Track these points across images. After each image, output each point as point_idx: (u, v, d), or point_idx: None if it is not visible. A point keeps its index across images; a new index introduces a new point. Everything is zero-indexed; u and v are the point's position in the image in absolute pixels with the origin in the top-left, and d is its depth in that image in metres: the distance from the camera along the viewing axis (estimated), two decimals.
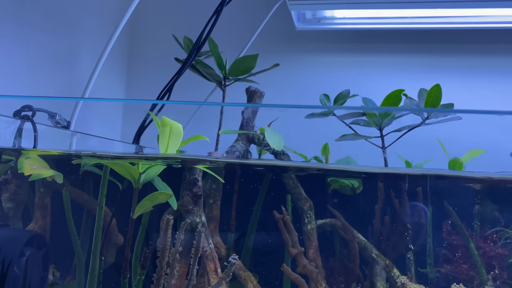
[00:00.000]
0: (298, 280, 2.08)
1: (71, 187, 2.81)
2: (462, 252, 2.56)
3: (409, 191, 2.60)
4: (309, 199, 2.69)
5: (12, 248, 1.30)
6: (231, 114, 3.05)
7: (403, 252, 2.57)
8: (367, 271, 2.56)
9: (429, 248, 2.70)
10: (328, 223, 2.75)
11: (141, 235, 2.29)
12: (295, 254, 2.15)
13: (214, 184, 2.78)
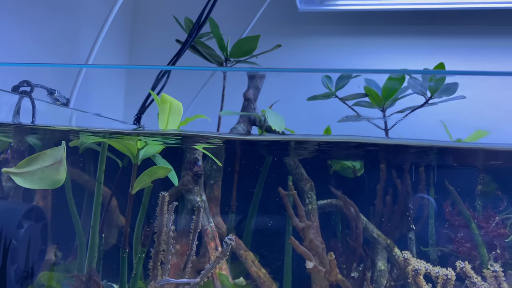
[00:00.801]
0: (305, 253, 2.07)
1: (72, 168, 2.81)
2: (464, 232, 2.55)
3: (410, 170, 2.59)
4: (310, 179, 2.68)
5: (10, 220, 1.29)
6: (233, 96, 3.03)
7: (405, 232, 2.57)
8: (368, 251, 2.56)
9: (431, 229, 2.69)
10: (329, 204, 2.75)
11: (142, 215, 2.29)
12: (302, 228, 2.14)
13: (214, 165, 2.78)
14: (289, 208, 2.19)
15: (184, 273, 1.68)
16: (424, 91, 2.56)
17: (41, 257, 1.46)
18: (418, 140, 1.72)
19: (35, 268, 1.44)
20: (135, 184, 1.61)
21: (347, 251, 2.70)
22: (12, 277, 1.34)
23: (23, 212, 1.31)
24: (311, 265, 2.03)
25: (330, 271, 2.04)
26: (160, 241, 1.64)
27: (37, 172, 1.07)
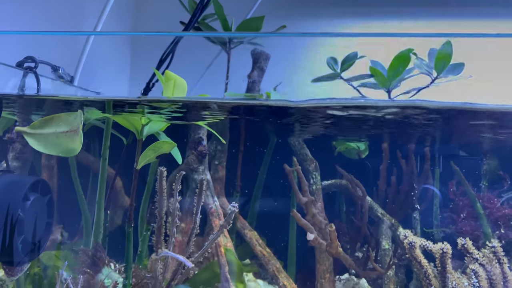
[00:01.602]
0: (306, 226, 2.08)
1: None
2: (468, 211, 2.54)
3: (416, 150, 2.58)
4: (314, 160, 2.67)
5: (16, 192, 1.30)
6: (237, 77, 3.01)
7: (409, 212, 2.57)
8: (372, 230, 2.56)
9: (435, 210, 2.69)
10: (334, 184, 2.75)
11: (147, 194, 2.30)
12: (305, 203, 2.14)
13: (219, 146, 2.78)
14: (294, 184, 2.19)
15: (188, 247, 1.69)
16: (430, 71, 2.54)
17: (48, 230, 1.47)
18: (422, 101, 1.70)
19: (41, 240, 1.45)
20: (140, 159, 1.61)
21: (351, 231, 2.70)
22: (19, 248, 1.36)
23: (29, 184, 1.31)
24: (312, 237, 2.04)
25: (330, 243, 2.05)
26: (161, 216, 1.65)
27: (51, 136, 1.07)
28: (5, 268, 1.41)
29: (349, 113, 1.82)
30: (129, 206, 1.60)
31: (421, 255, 1.79)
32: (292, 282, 2.40)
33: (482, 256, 1.74)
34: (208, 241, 1.64)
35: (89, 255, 1.70)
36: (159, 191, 1.61)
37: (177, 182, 1.54)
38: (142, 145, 1.66)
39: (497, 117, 1.77)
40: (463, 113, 1.68)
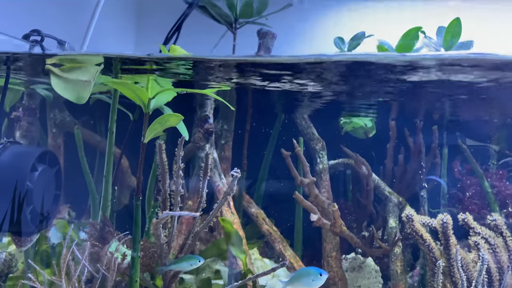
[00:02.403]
0: (309, 207, 2.07)
1: (84, 129, 2.82)
2: (476, 190, 2.53)
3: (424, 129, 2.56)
4: (321, 139, 2.66)
5: (24, 162, 1.30)
6: None
7: (417, 190, 2.55)
8: (379, 208, 2.55)
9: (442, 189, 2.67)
10: (340, 163, 2.73)
11: (154, 171, 2.31)
12: (307, 184, 2.14)
13: (225, 125, 2.76)
14: (292, 167, 2.17)
15: (196, 221, 1.69)
16: (438, 49, 2.50)
17: (56, 202, 1.48)
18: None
19: (50, 212, 1.46)
20: (147, 133, 1.61)
21: (357, 210, 2.70)
22: (28, 219, 1.36)
23: (36, 155, 1.31)
24: (315, 218, 2.04)
25: (334, 223, 2.05)
26: (165, 189, 1.65)
27: (71, 81, 1.08)
28: (14, 239, 1.42)
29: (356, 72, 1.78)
30: (137, 179, 1.60)
31: (423, 228, 1.78)
32: (299, 260, 2.41)
33: (484, 230, 1.73)
34: (213, 210, 1.64)
35: (97, 228, 1.71)
36: (160, 164, 1.61)
37: (179, 147, 1.54)
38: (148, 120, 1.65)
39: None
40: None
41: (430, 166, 2.58)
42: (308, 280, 1.62)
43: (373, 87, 2.11)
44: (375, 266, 2.66)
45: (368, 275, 2.62)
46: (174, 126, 1.64)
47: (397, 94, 2.25)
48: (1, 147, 1.33)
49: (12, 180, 1.29)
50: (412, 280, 2.53)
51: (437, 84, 1.92)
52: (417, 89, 2.12)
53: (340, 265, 2.55)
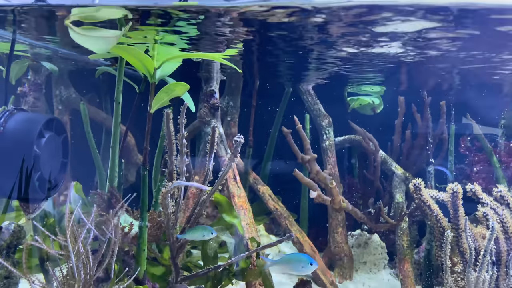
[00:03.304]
0: (309, 184, 2.06)
1: (90, 106, 2.82)
2: (484, 166, 2.51)
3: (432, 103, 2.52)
4: (327, 115, 2.64)
5: (31, 129, 1.30)
6: None
7: (424, 166, 2.54)
8: (386, 184, 2.54)
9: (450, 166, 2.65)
10: (347, 139, 2.72)
11: (161, 145, 2.30)
12: (308, 161, 2.12)
13: (231, 101, 2.75)
14: (293, 145, 2.15)
15: (202, 194, 1.69)
16: None
17: (63, 170, 1.48)
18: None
19: (58, 179, 1.46)
20: (153, 103, 1.60)
21: (364, 187, 2.69)
22: (35, 185, 1.36)
23: (43, 121, 1.31)
24: (315, 194, 2.02)
25: (333, 199, 2.04)
26: (172, 160, 1.64)
27: (94, 37, 1.07)
28: (23, 206, 1.42)
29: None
30: (144, 149, 1.60)
31: (430, 198, 1.77)
32: (305, 235, 2.41)
33: (492, 200, 1.71)
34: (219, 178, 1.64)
35: (105, 198, 1.71)
36: (167, 135, 1.59)
37: (182, 114, 1.53)
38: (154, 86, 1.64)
39: None
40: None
41: (437, 141, 2.56)
42: (297, 266, 1.61)
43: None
44: (381, 242, 2.66)
45: (374, 251, 2.63)
46: (180, 96, 1.62)
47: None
48: (8, 113, 1.33)
49: (19, 146, 1.29)
50: (418, 256, 2.53)
51: None
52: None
53: (346, 240, 2.56)
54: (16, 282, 1.79)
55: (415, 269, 2.48)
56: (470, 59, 2.07)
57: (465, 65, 2.19)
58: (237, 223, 1.94)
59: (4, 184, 1.31)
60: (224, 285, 2.08)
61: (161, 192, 1.51)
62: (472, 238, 1.67)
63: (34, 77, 2.38)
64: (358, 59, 2.12)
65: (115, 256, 1.38)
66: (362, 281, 2.51)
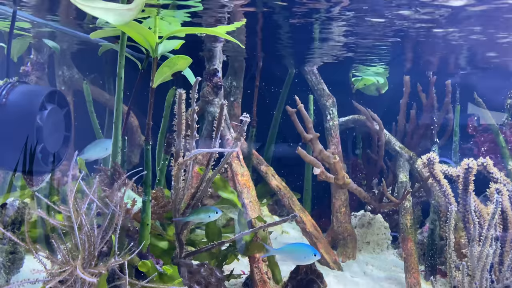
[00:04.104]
0: (312, 162, 2.05)
1: (92, 87, 2.81)
2: (490, 147, 2.49)
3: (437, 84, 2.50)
4: (331, 95, 2.62)
5: (33, 101, 1.29)
6: None
7: (428, 146, 2.52)
8: (390, 164, 2.53)
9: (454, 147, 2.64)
10: (351, 119, 2.70)
11: (164, 123, 2.29)
12: (310, 140, 2.11)
13: (234, 81, 2.73)
14: (297, 123, 2.14)
15: (208, 169, 1.69)
16: None
17: (66, 144, 1.48)
18: None
19: (60, 152, 1.46)
20: (156, 77, 1.59)
21: (368, 167, 2.68)
22: (39, 157, 1.36)
23: (45, 93, 1.30)
24: (318, 171, 2.02)
25: (337, 175, 2.03)
26: (180, 139, 1.63)
27: (112, 9, 1.05)
28: (26, 178, 1.43)
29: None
30: (146, 124, 1.59)
31: (441, 174, 1.75)
32: (308, 214, 2.41)
33: (502, 175, 1.70)
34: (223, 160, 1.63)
35: (108, 174, 1.71)
36: (178, 114, 1.59)
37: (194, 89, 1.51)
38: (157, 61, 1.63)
39: None
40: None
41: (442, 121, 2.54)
42: (300, 256, 1.60)
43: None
44: (384, 222, 2.66)
45: (377, 231, 2.63)
46: (182, 70, 1.61)
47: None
48: (10, 86, 1.32)
49: (21, 118, 1.29)
50: (422, 236, 2.53)
51: None
52: None
53: (349, 220, 2.56)
54: (21, 258, 1.81)
55: (419, 249, 2.48)
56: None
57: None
58: (234, 199, 1.94)
59: (7, 156, 1.31)
60: (229, 262, 2.10)
61: (177, 164, 1.51)
62: (478, 213, 1.66)
63: (36, 57, 2.37)
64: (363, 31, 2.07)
65: (118, 230, 1.38)
66: (365, 260, 2.51)
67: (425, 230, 2.51)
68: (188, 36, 1.88)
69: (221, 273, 1.86)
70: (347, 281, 2.20)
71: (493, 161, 2.25)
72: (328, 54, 2.61)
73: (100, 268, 1.32)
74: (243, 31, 2.16)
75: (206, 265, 1.83)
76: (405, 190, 2.31)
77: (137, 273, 1.60)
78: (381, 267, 2.44)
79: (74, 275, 1.29)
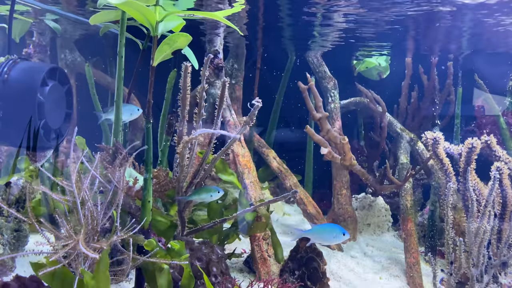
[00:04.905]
0: (320, 141, 2.06)
1: (95, 70, 2.82)
2: (491, 129, 2.49)
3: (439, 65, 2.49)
4: (333, 77, 2.62)
5: (34, 77, 1.31)
6: None
7: (429, 127, 2.52)
8: (391, 146, 2.54)
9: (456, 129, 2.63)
10: (352, 102, 2.70)
11: (166, 105, 2.31)
12: (319, 118, 2.11)
13: (236, 64, 2.74)
14: (308, 100, 2.14)
15: (209, 147, 1.70)
16: None
17: (67, 121, 1.49)
18: None
19: (62, 129, 1.47)
20: (156, 55, 1.59)
21: (369, 149, 2.69)
22: (41, 133, 1.38)
23: (46, 69, 1.31)
24: (326, 151, 2.03)
25: (344, 156, 2.04)
26: (184, 115, 1.65)
27: None
28: (29, 155, 1.45)
29: None
30: (147, 102, 1.60)
31: (444, 153, 1.76)
32: (309, 196, 2.43)
33: (505, 154, 1.70)
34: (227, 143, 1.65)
35: (110, 152, 1.73)
36: (182, 88, 1.60)
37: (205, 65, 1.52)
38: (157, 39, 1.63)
39: None
40: None
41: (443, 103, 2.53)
42: (329, 236, 1.63)
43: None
44: (385, 205, 2.68)
45: (378, 213, 2.65)
46: (182, 48, 1.62)
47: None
48: (12, 62, 1.33)
49: (23, 94, 1.30)
50: (422, 218, 2.55)
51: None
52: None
53: (350, 202, 2.58)
54: (26, 235, 1.84)
55: (419, 231, 2.50)
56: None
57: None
58: (234, 180, 1.96)
59: (9, 132, 1.33)
60: (231, 241, 2.13)
61: (182, 141, 1.53)
62: (477, 191, 1.67)
63: (38, 39, 2.38)
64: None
65: (120, 205, 1.40)
66: (365, 242, 2.54)
67: (425, 212, 2.53)
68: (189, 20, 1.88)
69: (222, 251, 1.88)
70: (347, 261, 2.22)
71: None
72: (329, 36, 2.60)
73: (102, 243, 1.35)
74: (244, 18, 2.16)
75: (208, 243, 1.85)
76: (408, 172, 2.32)
77: (139, 250, 1.63)
78: (381, 248, 2.46)
79: (77, 250, 1.31)
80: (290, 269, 1.89)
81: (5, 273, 1.67)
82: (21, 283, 1.39)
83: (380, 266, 2.23)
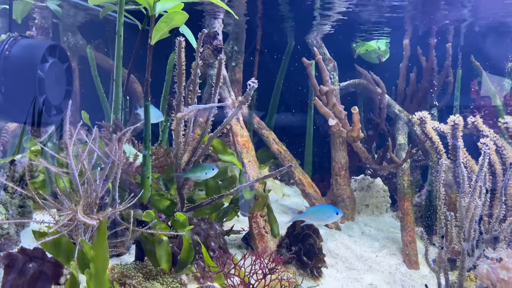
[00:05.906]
0: (327, 113, 2.09)
1: (97, 53, 2.85)
2: (489, 111, 2.50)
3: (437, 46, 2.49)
4: (333, 59, 2.63)
5: (34, 53, 1.34)
6: None
7: (427, 109, 2.54)
8: (389, 127, 2.55)
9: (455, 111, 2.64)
10: (352, 84, 2.72)
11: (167, 86, 2.34)
12: (326, 92, 2.12)
13: (236, 46, 2.75)
14: (312, 76, 2.16)
15: (207, 124, 1.74)
16: None
17: (67, 98, 1.53)
18: None
19: (62, 106, 1.51)
20: (153, 34, 1.62)
21: (368, 131, 2.71)
22: (42, 108, 1.42)
23: (46, 46, 1.35)
24: (334, 122, 2.06)
25: (353, 127, 2.06)
26: (180, 91, 1.68)
27: None
28: (31, 130, 1.49)
29: None
30: (145, 81, 1.64)
31: (433, 131, 1.79)
32: (307, 177, 2.46)
33: (492, 133, 1.72)
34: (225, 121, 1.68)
35: (110, 130, 1.77)
36: (178, 64, 1.62)
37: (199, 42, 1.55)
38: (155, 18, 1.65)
39: None
40: None
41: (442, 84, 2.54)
42: (323, 216, 1.68)
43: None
44: (383, 186, 2.71)
45: (376, 194, 2.68)
46: (179, 26, 1.64)
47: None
48: (13, 39, 1.37)
49: (23, 70, 1.34)
50: (420, 199, 2.58)
51: None
52: None
53: (349, 183, 2.61)
54: (30, 211, 1.90)
55: (417, 212, 2.53)
56: None
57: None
58: (234, 160, 1.99)
59: (11, 108, 1.37)
60: (229, 219, 2.17)
61: (176, 118, 1.56)
62: (469, 168, 1.70)
63: (41, 21, 2.41)
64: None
65: (118, 178, 1.44)
66: (364, 222, 2.57)
67: (423, 193, 2.56)
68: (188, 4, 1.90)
69: (221, 227, 1.93)
70: (345, 240, 2.26)
71: (492, 126, 2.28)
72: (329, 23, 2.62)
73: (100, 214, 1.39)
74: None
75: (206, 220, 1.90)
76: (408, 153, 2.34)
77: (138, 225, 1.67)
78: (379, 228, 2.50)
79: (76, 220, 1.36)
80: (287, 245, 1.94)
81: (10, 247, 1.73)
82: (26, 254, 1.44)
83: (377, 245, 2.27)
